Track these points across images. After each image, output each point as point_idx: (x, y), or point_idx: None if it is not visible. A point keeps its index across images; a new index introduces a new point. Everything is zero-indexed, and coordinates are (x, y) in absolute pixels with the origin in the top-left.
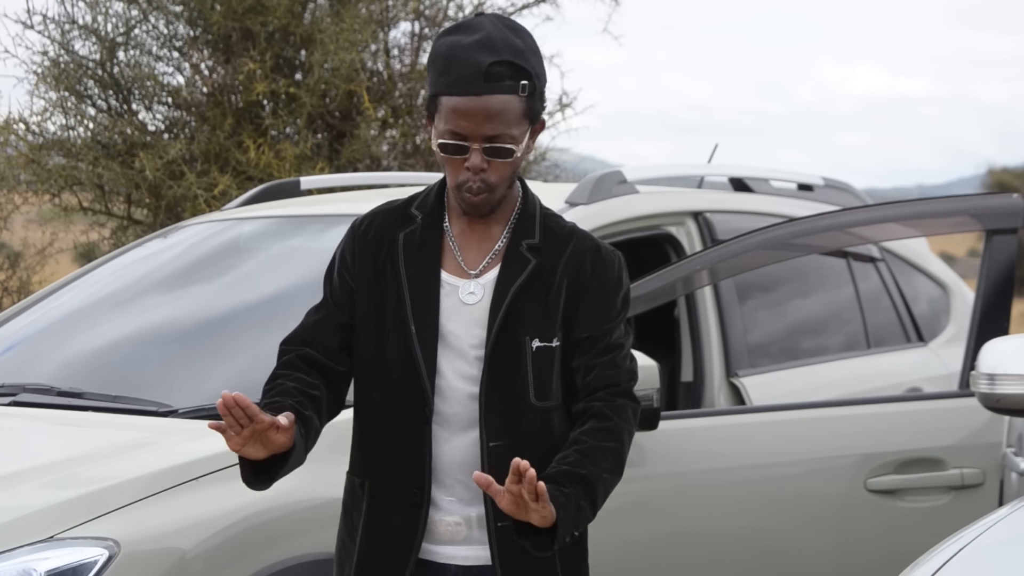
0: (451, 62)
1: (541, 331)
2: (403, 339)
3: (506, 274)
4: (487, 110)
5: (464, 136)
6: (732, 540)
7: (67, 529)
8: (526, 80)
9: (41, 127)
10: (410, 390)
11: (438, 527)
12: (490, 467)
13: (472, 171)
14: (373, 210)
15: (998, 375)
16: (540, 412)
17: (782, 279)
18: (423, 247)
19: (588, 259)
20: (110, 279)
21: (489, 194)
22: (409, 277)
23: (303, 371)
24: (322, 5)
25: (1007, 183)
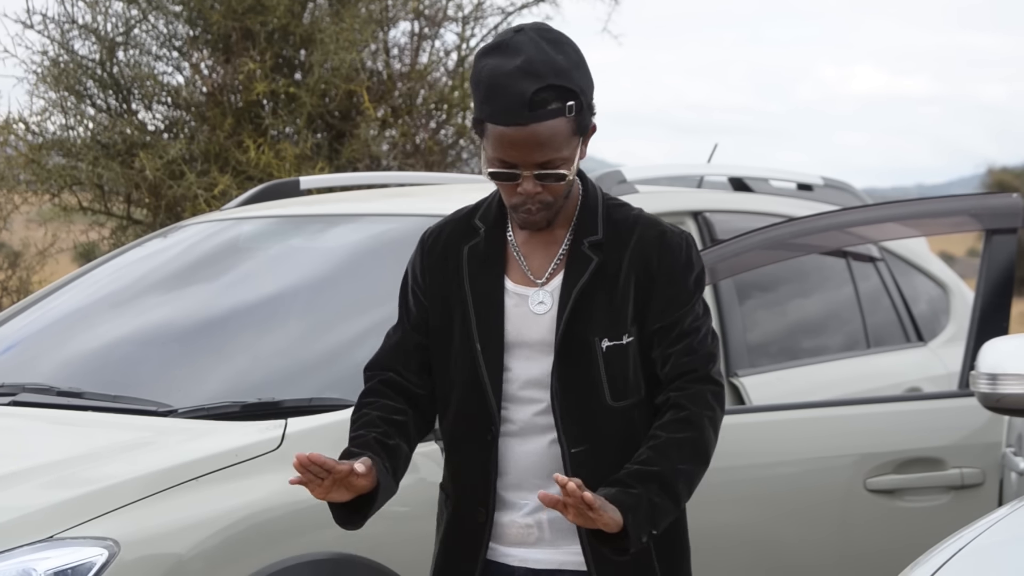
0: (493, 90)
1: (610, 330)
2: (470, 357)
3: (570, 277)
4: (536, 139)
5: (514, 164)
6: (732, 539)
7: (67, 529)
8: (572, 100)
9: (41, 127)
10: (477, 408)
11: (509, 529)
12: (574, 473)
13: (526, 195)
14: (441, 222)
15: (998, 375)
16: (618, 412)
17: (782, 279)
18: (487, 260)
19: (654, 248)
20: (110, 279)
21: (547, 211)
22: (474, 293)
23: (387, 396)
24: (322, 5)
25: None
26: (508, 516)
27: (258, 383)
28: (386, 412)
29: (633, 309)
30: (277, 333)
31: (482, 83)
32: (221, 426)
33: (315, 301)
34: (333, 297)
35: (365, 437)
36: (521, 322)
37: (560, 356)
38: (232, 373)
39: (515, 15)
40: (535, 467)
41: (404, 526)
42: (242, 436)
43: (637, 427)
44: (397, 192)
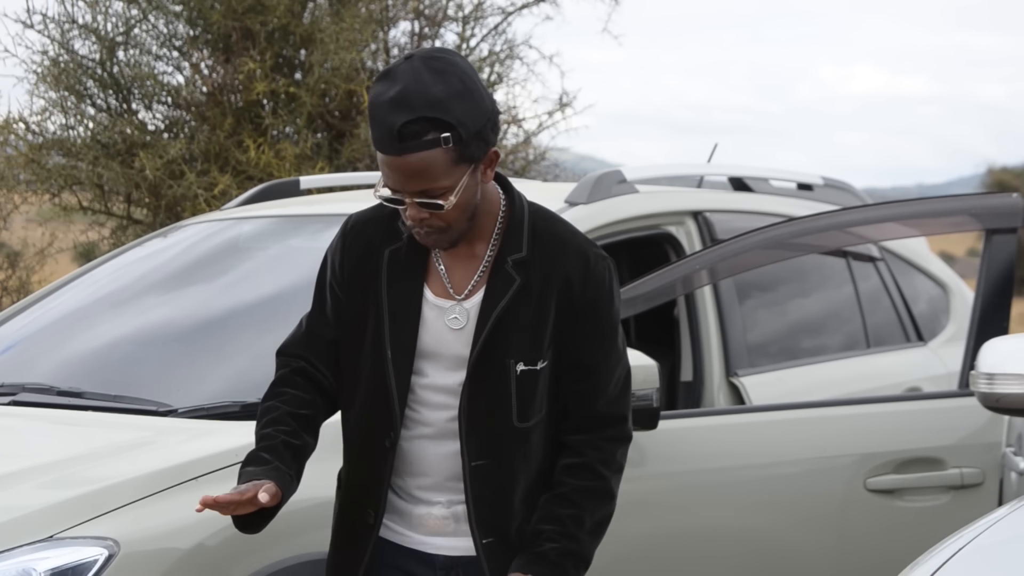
0: (373, 118)
1: (526, 354)
2: (380, 362)
3: (490, 297)
4: (409, 168)
5: (396, 190)
6: (731, 540)
7: (67, 529)
8: (448, 132)
9: (41, 127)
10: (380, 413)
11: (427, 520)
12: (472, 484)
13: (413, 220)
14: (365, 214)
15: (997, 375)
16: (522, 432)
17: (782, 279)
18: (408, 268)
19: (578, 274)
20: (110, 279)
21: (440, 235)
22: (391, 299)
23: (298, 387)
24: (322, 4)
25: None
26: (426, 509)
27: (258, 383)
28: (295, 406)
29: (551, 334)
30: (277, 333)
31: (370, 111)
32: (221, 426)
33: None
34: None
35: (273, 440)
36: (438, 334)
37: (472, 375)
38: (232, 373)
39: (515, 15)
40: (450, 470)
41: None
42: (242, 436)
43: (536, 444)
44: None
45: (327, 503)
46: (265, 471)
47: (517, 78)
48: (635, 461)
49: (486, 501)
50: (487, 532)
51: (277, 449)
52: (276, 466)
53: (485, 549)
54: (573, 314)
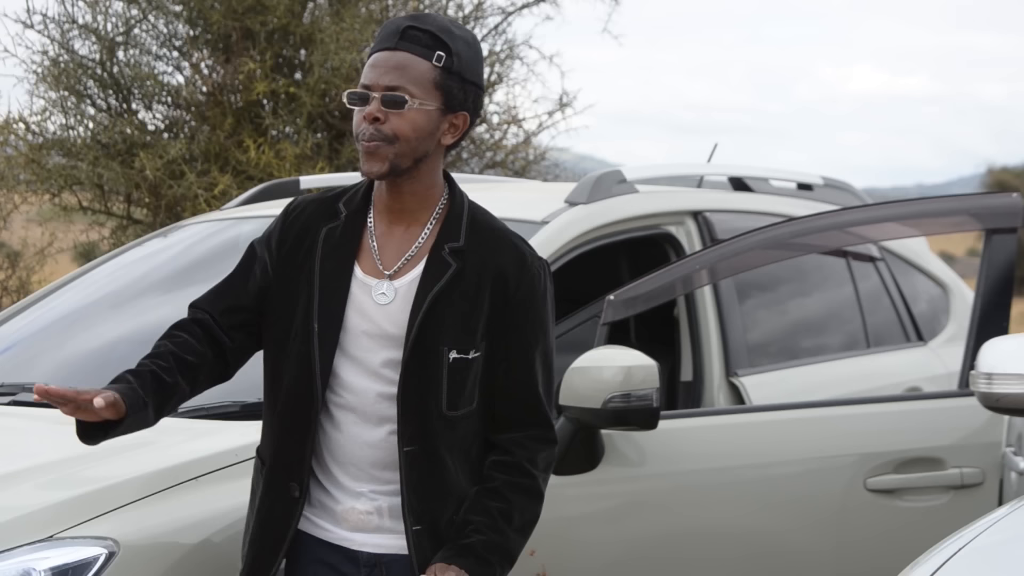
0: (381, 29)
1: (459, 342)
2: (307, 336)
3: (426, 279)
4: (392, 61)
5: (368, 87)
6: (731, 540)
7: (67, 528)
8: (443, 52)
9: (41, 127)
10: (305, 387)
11: (350, 515)
12: (407, 469)
13: (367, 119)
14: (307, 198)
15: (997, 374)
16: (450, 420)
17: (782, 279)
18: (341, 245)
19: (513, 270)
20: (109, 279)
21: (384, 145)
22: (322, 274)
23: (194, 335)
24: (322, 5)
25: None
26: (349, 503)
27: (258, 383)
28: (182, 350)
29: (484, 326)
30: None
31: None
32: (221, 426)
33: None
34: None
35: (144, 367)
36: (364, 311)
37: (408, 357)
38: None
39: (515, 15)
40: (373, 457)
41: None
42: (242, 436)
43: (465, 436)
44: None
45: None
46: (118, 387)
47: (517, 78)
48: (635, 461)
49: (416, 488)
50: (416, 519)
51: (142, 375)
52: (132, 386)
53: (414, 536)
54: (505, 309)
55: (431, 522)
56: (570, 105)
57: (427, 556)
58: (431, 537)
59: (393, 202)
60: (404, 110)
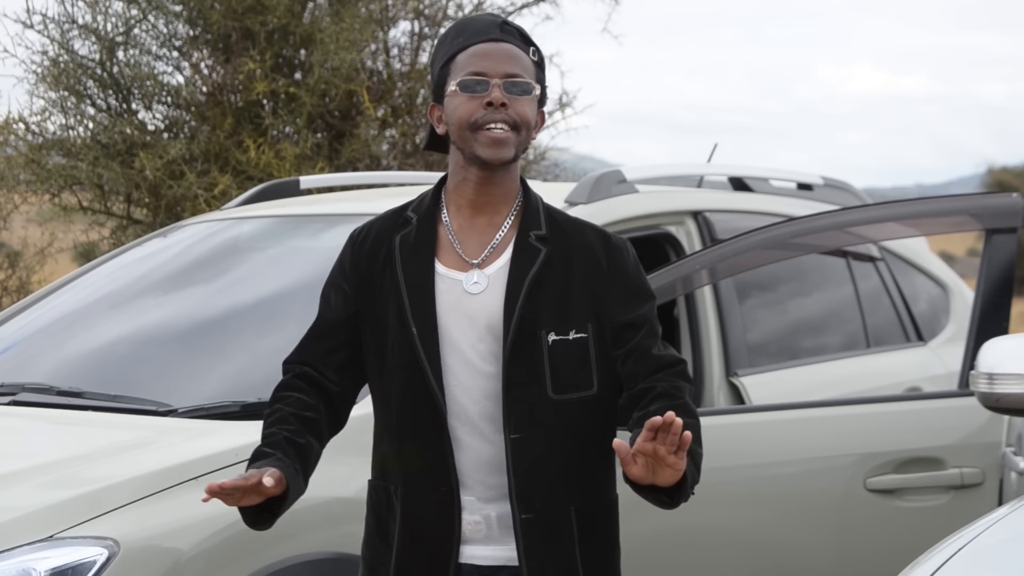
0: (465, 25)
1: (557, 324)
2: (407, 342)
3: (518, 266)
4: (505, 51)
5: (484, 74)
6: (732, 539)
7: (67, 528)
8: (534, 47)
9: (41, 127)
10: (422, 392)
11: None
12: (514, 458)
13: (494, 105)
14: (371, 220)
15: (997, 374)
16: (558, 405)
17: (782, 278)
18: (419, 246)
19: (600, 249)
20: (109, 279)
21: (509, 133)
22: (406, 278)
23: (302, 391)
24: (322, 4)
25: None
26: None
27: (258, 383)
28: (298, 408)
29: (585, 307)
30: (277, 333)
31: (451, 30)
32: (221, 426)
33: (315, 301)
34: None
35: (276, 436)
36: (453, 306)
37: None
38: (232, 373)
39: (515, 15)
40: (478, 461)
41: None
42: (242, 436)
43: (578, 421)
44: (397, 192)
45: (325, 503)
46: (269, 462)
47: None
48: None
49: (527, 475)
50: (526, 507)
51: (280, 445)
52: (280, 458)
53: (523, 524)
54: (603, 280)
55: (542, 511)
56: (570, 105)
57: (537, 548)
58: (542, 527)
59: (479, 195)
60: (530, 97)
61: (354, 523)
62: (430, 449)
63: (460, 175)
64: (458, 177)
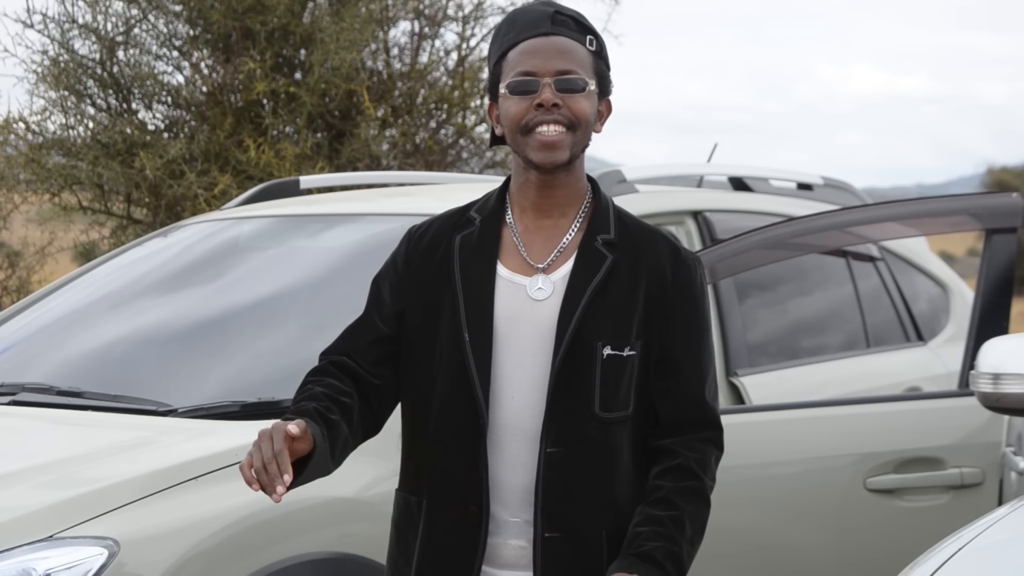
0: (516, 18)
1: (614, 338)
2: (457, 348)
3: (581, 271)
4: (557, 46)
5: (534, 73)
6: (731, 539)
7: (66, 528)
8: (592, 36)
9: (41, 126)
10: (464, 401)
11: (502, 551)
12: (545, 472)
13: (545, 106)
14: (432, 217)
15: (997, 374)
16: (603, 423)
17: (781, 278)
18: (481, 247)
19: (668, 263)
20: (109, 278)
21: (565, 134)
22: (464, 280)
23: (335, 376)
24: (322, 4)
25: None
26: (501, 537)
27: (258, 383)
28: (332, 391)
29: (640, 323)
30: (277, 333)
31: (504, 23)
32: (221, 426)
33: (315, 301)
34: (333, 297)
35: (305, 407)
36: (514, 311)
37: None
38: (232, 373)
39: None
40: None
41: None
42: (242, 436)
43: (616, 442)
44: (397, 192)
45: (326, 503)
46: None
47: None
48: None
49: (555, 491)
50: (552, 526)
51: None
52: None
53: (545, 544)
54: (664, 303)
55: (570, 531)
56: None
57: (557, 569)
58: (566, 546)
59: (544, 197)
60: (584, 93)
61: (354, 523)
62: (464, 464)
63: (521, 177)
64: (520, 179)
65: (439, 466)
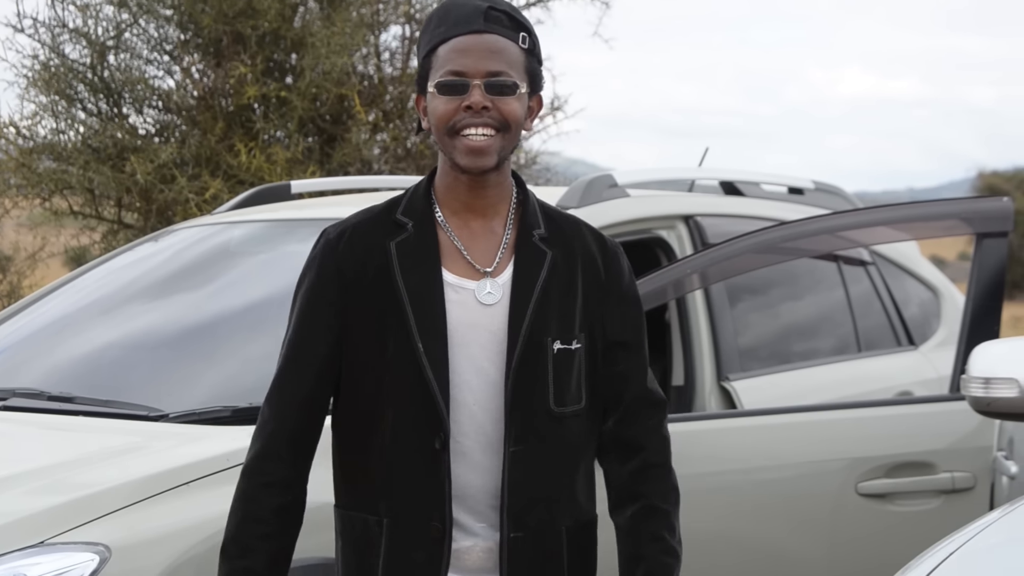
0: (448, 11)
1: (561, 333)
2: (410, 359)
3: (524, 270)
4: (488, 46)
5: (463, 73)
6: (723, 544)
7: (57, 534)
8: (525, 33)
9: (31, 131)
10: (423, 412)
11: (469, 555)
12: (510, 473)
13: (474, 109)
14: (345, 222)
15: (988, 378)
16: (558, 419)
17: (773, 283)
18: (421, 253)
19: (599, 254)
20: (100, 283)
21: (493, 138)
22: (409, 289)
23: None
24: (313, 9)
25: (997, 186)
26: (467, 541)
27: (249, 388)
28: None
29: (581, 315)
30: (268, 337)
31: (435, 14)
32: (212, 431)
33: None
34: None
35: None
36: (466, 317)
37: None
38: (223, 378)
39: None
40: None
41: None
42: (233, 441)
43: (575, 437)
44: (389, 196)
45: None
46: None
47: None
48: None
49: (520, 490)
50: (516, 525)
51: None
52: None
53: (511, 544)
54: (600, 291)
55: (535, 530)
56: (561, 109)
57: (523, 568)
58: (533, 546)
59: (475, 198)
60: (515, 96)
61: None
62: (427, 477)
63: (449, 177)
64: (447, 179)
65: (398, 481)
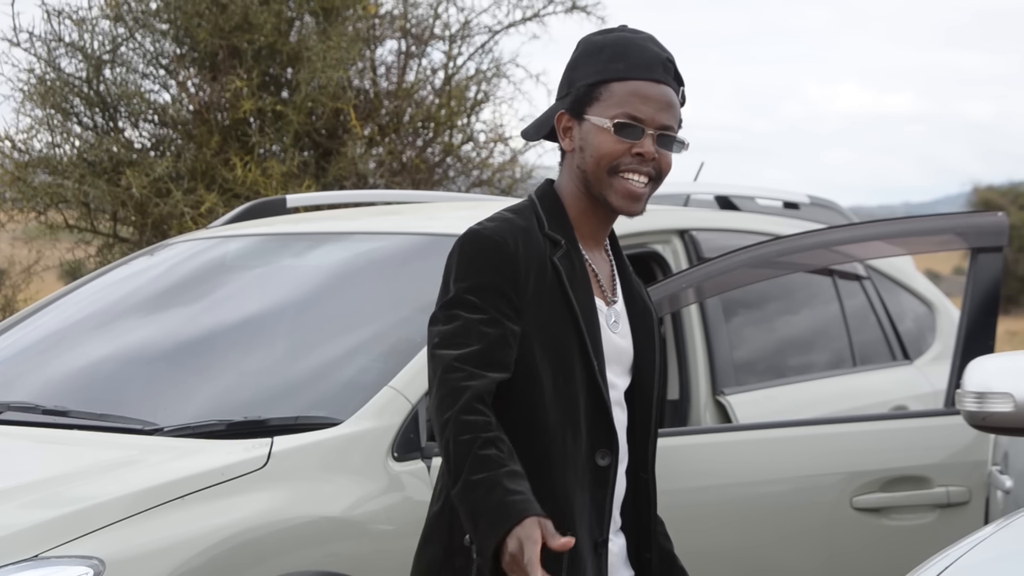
0: (627, 48)
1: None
2: (585, 374)
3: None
4: (666, 98)
5: (642, 120)
6: (718, 558)
7: (52, 548)
8: (683, 88)
9: (27, 145)
10: (600, 430)
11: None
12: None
13: (644, 157)
14: (500, 228)
15: (983, 393)
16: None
17: (768, 297)
18: (580, 274)
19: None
20: (96, 297)
21: (650, 183)
22: (580, 306)
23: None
24: (309, 23)
25: (992, 201)
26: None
27: (244, 401)
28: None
29: None
30: (263, 351)
31: (608, 46)
32: (207, 445)
33: (301, 319)
34: (319, 315)
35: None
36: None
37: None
38: (218, 391)
39: (502, 33)
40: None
41: (389, 544)
42: (228, 455)
43: None
44: (384, 210)
45: (313, 521)
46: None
47: (504, 96)
48: None
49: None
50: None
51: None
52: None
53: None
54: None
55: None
56: None
57: None
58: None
59: (603, 230)
60: (680, 151)
61: (340, 542)
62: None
63: (583, 205)
64: (581, 206)
65: (574, 497)
